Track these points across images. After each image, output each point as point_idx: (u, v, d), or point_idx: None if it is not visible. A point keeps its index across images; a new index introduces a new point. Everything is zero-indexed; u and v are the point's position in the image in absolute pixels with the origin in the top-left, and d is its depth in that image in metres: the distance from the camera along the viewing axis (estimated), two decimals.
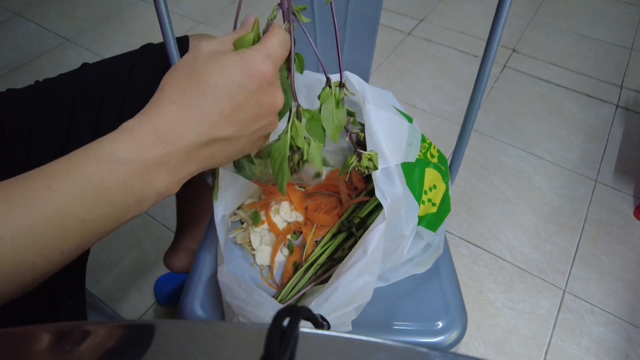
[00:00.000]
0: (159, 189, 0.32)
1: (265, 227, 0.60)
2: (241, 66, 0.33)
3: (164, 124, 0.32)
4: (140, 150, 0.31)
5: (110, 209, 0.31)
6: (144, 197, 0.32)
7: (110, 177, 0.30)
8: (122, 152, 0.31)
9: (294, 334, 0.21)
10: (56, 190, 0.29)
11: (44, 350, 0.26)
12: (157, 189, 0.32)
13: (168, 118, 0.32)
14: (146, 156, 0.31)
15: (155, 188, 0.32)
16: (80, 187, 0.29)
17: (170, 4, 0.52)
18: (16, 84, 0.65)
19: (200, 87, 0.32)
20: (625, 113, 1.59)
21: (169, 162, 0.32)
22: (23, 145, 0.56)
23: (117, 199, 0.31)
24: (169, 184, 0.33)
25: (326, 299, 0.45)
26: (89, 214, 0.30)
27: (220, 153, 0.35)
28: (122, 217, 0.32)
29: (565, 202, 1.31)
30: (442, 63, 1.76)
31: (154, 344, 0.27)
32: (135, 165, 0.31)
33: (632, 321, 1.07)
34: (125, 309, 1.08)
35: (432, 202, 0.55)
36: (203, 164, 0.35)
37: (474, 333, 1.04)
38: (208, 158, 0.34)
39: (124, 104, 0.60)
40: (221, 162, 0.36)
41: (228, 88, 0.32)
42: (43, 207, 0.28)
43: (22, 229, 0.28)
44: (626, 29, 1.97)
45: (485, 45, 0.51)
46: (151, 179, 0.32)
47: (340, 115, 0.43)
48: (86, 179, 0.30)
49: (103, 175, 0.30)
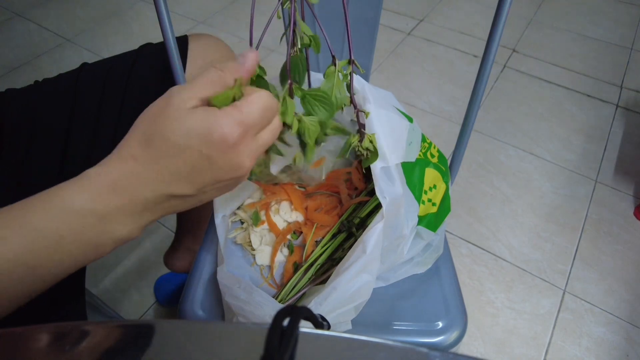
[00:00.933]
0: (118, 236, 0.33)
1: (265, 227, 0.60)
2: (205, 131, 0.31)
3: (122, 177, 0.32)
4: (97, 200, 0.31)
5: (66, 256, 0.31)
6: (102, 243, 0.32)
7: (65, 226, 0.30)
8: (78, 201, 0.31)
9: (294, 334, 0.21)
10: (7, 241, 0.29)
11: (44, 350, 0.26)
12: (115, 236, 0.32)
13: (126, 172, 0.32)
14: (102, 207, 0.31)
15: (113, 235, 0.32)
16: (32, 237, 0.30)
17: (170, 3, 0.52)
18: (16, 83, 0.65)
19: (162, 144, 0.32)
20: (626, 113, 1.59)
21: (125, 213, 0.32)
22: (23, 145, 0.56)
23: (72, 247, 0.31)
24: (129, 231, 0.33)
25: (325, 297, 0.45)
26: (41, 261, 0.30)
27: (181, 205, 0.35)
28: (80, 262, 0.32)
29: (565, 202, 1.31)
30: (442, 63, 1.76)
31: (153, 344, 0.27)
32: (91, 215, 0.31)
33: (632, 321, 1.07)
34: (125, 309, 1.08)
35: (432, 202, 0.55)
36: (163, 213, 0.34)
37: (474, 333, 1.04)
38: (168, 209, 0.34)
39: (123, 103, 0.60)
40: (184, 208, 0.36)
41: (188, 151, 0.32)
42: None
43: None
44: (626, 28, 1.97)
45: (486, 45, 0.51)
46: (108, 227, 0.32)
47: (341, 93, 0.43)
48: (40, 228, 0.30)
49: (58, 225, 0.30)
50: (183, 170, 0.32)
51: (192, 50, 0.64)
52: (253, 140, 0.34)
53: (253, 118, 0.33)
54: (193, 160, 0.32)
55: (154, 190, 0.32)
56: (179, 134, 0.31)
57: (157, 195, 0.32)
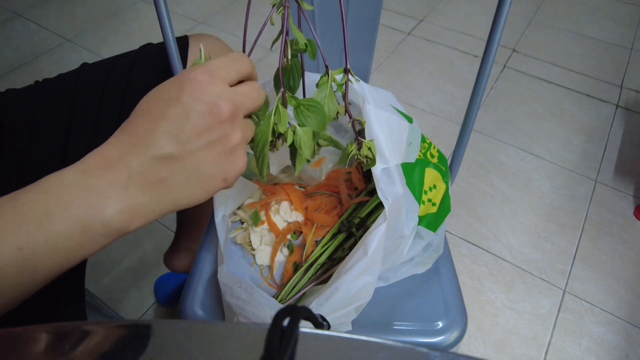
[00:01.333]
0: (107, 217, 0.31)
1: (265, 227, 0.60)
2: (172, 81, 0.33)
3: (110, 147, 0.33)
4: (85, 173, 0.31)
5: (53, 235, 0.30)
6: (90, 224, 0.30)
7: (53, 200, 0.30)
8: (68, 176, 0.31)
9: (294, 334, 0.21)
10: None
11: (44, 350, 0.26)
12: (104, 216, 0.31)
13: (114, 142, 0.33)
14: (90, 179, 0.31)
15: (101, 214, 0.31)
16: (21, 213, 0.29)
17: (170, 3, 0.52)
18: (16, 83, 0.65)
19: (140, 112, 0.33)
20: (626, 113, 1.59)
21: (112, 187, 0.31)
22: (22, 145, 0.56)
23: (61, 226, 0.30)
24: (119, 213, 0.31)
25: (326, 299, 0.45)
26: (28, 241, 0.29)
27: (172, 179, 0.33)
28: (68, 250, 0.31)
29: (565, 202, 1.31)
30: (442, 63, 1.76)
31: (154, 344, 0.27)
32: (78, 187, 0.30)
33: (632, 321, 1.07)
34: (125, 309, 1.08)
35: (432, 202, 0.55)
36: (154, 193, 0.33)
37: (474, 333, 1.04)
38: (158, 185, 0.32)
39: (123, 103, 0.60)
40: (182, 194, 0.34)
41: (160, 105, 0.32)
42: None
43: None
44: (626, 28, 1.97)
45: (486, 45, 0.51)
46: (95, 202, 0.31)
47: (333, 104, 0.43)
48: (28, 204, 0.29)
49: (46, 199, 0.30)
50: (159, 125, 0.32)
51: (192, 51, 0.65)
52: (223, 84, 0.34)
53: (217, 63, 0.34)
54: (166, 110, 0.32)
55: (137, 154, 0.32)
56: (154, 92, 0.33)
57: (139, 161, 0.32)
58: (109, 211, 0.31)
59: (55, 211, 0.30)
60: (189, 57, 0.64)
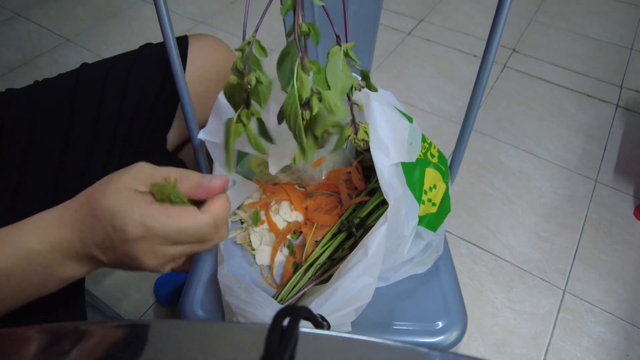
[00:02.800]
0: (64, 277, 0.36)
1: (265, 227, 0.60)
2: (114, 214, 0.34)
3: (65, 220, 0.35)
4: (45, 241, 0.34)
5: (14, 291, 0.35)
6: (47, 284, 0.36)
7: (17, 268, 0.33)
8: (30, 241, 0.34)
9: (293, 334, 0.21)
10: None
11: (44, 350, 0.26)
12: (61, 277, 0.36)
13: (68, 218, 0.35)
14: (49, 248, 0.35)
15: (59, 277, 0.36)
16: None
17: (170, 3, 0.52)
18: (16, 84, 0.65)
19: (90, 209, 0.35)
20: (626, 113, 1.59)
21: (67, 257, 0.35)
22: (22, 146, 0.56)
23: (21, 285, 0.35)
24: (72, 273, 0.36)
25: (326, 299, 0.45)
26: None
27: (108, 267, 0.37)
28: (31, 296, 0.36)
29: (565, 202, 1.31)
30: (442, 63, 1.76)
31: (153, 344, 0.27)
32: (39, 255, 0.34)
33: (632, 321, 1.07)
34: (125, 309, 1.08)
35: (432, 202, 0.55)
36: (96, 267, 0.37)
37: (473, 333, 1.04)
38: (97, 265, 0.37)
39: (122, 103, 0.60)
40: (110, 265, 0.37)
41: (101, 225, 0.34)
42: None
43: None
44: (626, 28, 1.97)
45: (486, 45, 0.51)
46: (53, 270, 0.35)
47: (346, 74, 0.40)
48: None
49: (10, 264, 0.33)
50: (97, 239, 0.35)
51: (192, 51, 0.64)
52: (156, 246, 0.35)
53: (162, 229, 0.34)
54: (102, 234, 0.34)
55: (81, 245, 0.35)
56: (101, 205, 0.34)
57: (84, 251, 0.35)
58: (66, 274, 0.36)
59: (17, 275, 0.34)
60: (189, 57, 0.64)
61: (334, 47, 0.40)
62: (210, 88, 0.66)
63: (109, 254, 0.35)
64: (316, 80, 0.39)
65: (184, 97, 0.59)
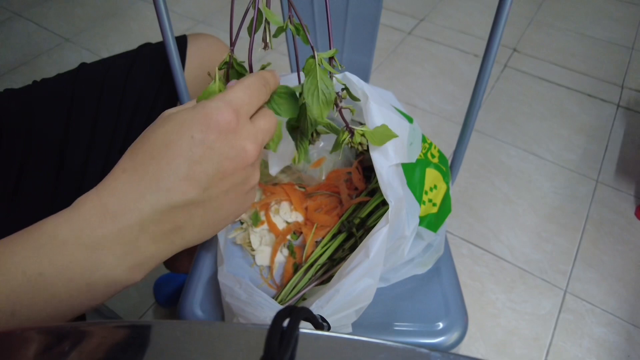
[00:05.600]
0: (112, 276, 0.28)
1: (265, 228, 0.60)
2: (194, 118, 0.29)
3: (112, 196, 0.28)
4: (84, 228, 0.27)
5: (49, 296, 0.26)
6: (91, 283, 0.27)
7: (47, 261, 0.26)
8: (63, 232, 0.27)
9: (294, 335, 0.20)
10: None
11: (43, 351, 0.26)
12: (108, 276, 0.28)
13: (117, 189, 0.28)
14: (90, 234, 0.27)
15: (105, 274, 0.27)
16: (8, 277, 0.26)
17: (169, 3, 0.52)
18: (15, 83, 0.64)
19: (152, 150, 0.29)
20: (627, 113, 1.59)
21: (119, 240, 0.27)
22: (21, 146, 0.56)
23: (56, 288, 0.26)
24: (124, 271, 0.28)
25: (327, 301, 0.45)
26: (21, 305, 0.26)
27: (189, 225, 0.30)
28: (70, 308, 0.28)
29: (566, 202, 1.31)
30: (442, 63, 1.76)
31: (153, 345, 0.27)
32: (77, 246, 0.27)
33: (633, 322, 1.06)
34: (125, 309, 1.07)
35: (433, 202, 0.54)
36: (166, 242, 0.29)
37: (474, 334, 1.04)
38: (171, 234, 0.29)
39: (121, 103, 0.60)
40: (193, 238, 0.31)
41: (181, 145, 0.28)
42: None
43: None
44: (627, 28, 1.97)
45: (486, 45, 0.51)
46: (98, 262, 0.27)
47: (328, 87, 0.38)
48: (18, 266, 0.26)
49: (39, 260, 0.26)
50: (180, 168, 0.28)
51: (191, 50, 0.64)
52: (250, 124, 0.31)
53: (241, 97, 0.31)
54: (188, 152, 0.28)
55: (150, 201, 0.28)
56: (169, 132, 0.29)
57: (155, 209, 0.28)
58: (116, 272, 0.28)
59: (49, 273, 0.26)
60: (188, 56, 0.64)
61: (308, 62, 0.38)
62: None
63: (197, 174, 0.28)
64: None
65: (183, 96, 0.58)
